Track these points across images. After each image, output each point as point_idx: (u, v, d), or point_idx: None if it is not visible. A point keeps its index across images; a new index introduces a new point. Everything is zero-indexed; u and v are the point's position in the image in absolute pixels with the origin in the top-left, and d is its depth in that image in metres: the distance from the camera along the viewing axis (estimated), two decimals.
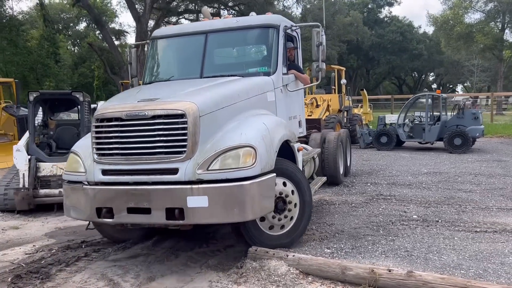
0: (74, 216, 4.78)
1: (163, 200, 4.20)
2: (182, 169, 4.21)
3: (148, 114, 4.24)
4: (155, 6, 31.63)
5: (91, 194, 4.45)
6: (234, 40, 6.12)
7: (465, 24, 38.50)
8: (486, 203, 7.14)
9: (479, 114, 14.19)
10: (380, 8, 68.40)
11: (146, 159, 4.29)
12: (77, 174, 4.67)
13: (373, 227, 5.89)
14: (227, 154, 4.23)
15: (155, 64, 6.36)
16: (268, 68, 5.69)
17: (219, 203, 4.12)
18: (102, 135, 4.44)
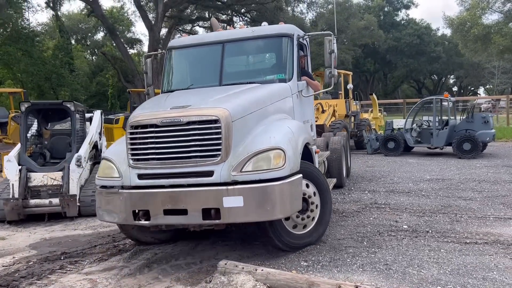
0: (108, 220, 4.97)
1: (200, 201, 4.44)
2: (217, 172, 4.47)
3: (183, 120, 4.48)
4: (167, 15, 31.99)
5: (127, 197, 4.65)
6: (250, 49, 6.34)
7: (482, 25, 37.56)
8: (484, 211, 6.84)
9: (490, 118, 13.75)
10: (397, 11, 67.64)
11: (182, 162, 4.52)
12: (111, 179, 4.86)
13: (357, 238, 5.68)
14: (259, 157, 4.50)
15: (173, 73, 6.52)
16: (284, 75, 5.92)
17: (254, 202, 4.37)
18: (138, 141, 4.67)
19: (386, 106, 45.48)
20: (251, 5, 32.51)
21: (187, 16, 35.35)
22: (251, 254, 5.33)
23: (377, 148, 15.25)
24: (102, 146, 9.52)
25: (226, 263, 4.46)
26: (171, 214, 4.51)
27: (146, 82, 6.76)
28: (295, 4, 33.78)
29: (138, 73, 31.79)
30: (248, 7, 33.00)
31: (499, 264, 4.62)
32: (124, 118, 17.24)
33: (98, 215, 5.12)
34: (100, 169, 5.09)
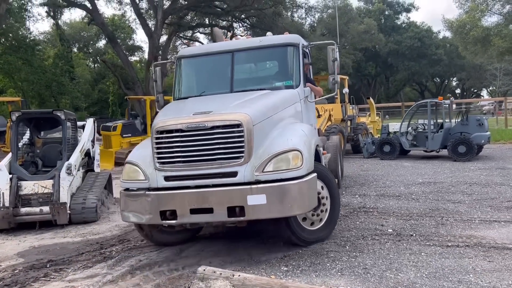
0: (134, 220, 5.22)
1: (225, 200, 4.74)
2: (241, 172, 4.81)
3: (208, 125, 4.81)
4: (167, 22, 32.22)
5: (155, 199, 4.91)
6: (258, 57, 6.69)
7: (482, 28, 37.52)
8: (471, 214, 6.85)
9: (484, 120, 13.73)
10: (398, 15, 67.70)
11: (207, 164, 4.84)
12: (137, 182, 5.14)
13: (340, 243, 5.70)
14: (279, 158, 4.84)
15: (186, 81, 6.80)
16: (292, 82, 6.28)
17: (276, 200, 4.70)
18: (164, 145, 4.95)
19: (388, 110, 45.52)
20: (250, 11, 32.68)
21: (187, 23, 35.57)
22: (234, 259, 5.37)
23: (373, 152, 15.25)
24: (95, 154, 9.61)
25: (204, 269, 4.50)
26: (197, 213, 4.80)
27: (156, 90, 6.94)
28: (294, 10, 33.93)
29: (138, 80, 32.03)
30: (247, 13, 33.17)
31: (477, 267, 4.64)
32: (121, 126, 17.38)
33: (122, 217, 5.33)
34: (124, 172, 5.33)
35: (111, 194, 9.36)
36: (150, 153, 5.12)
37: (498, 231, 5.92)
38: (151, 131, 5.12)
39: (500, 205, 7.36)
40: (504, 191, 8.40)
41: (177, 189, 4.89)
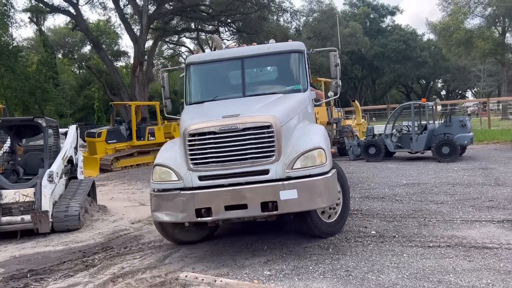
0: (168, 219, 5.42)
1: (259, 196, 5.04)
2: (273, 170, 5.15)
3: (240, 127, 5.12)
4: (152, 27, 32.09)
5: (190, 198, 5.13)
6: (267, 63, 7.09)
7: (464, 30, 38.16)
8: (453, 215, 6.92)
9: (467, 121, 13.92)
10: (383, 18, 68.43)
11: (240, 163, 5.14)
12: (169, 182, 5.34)
13: (324, 245, 5.72)
14: (306, 155, 5.21)
15: (198, 86, 7.04)
16: (300, 86, 6.66)
17: (306, 194, 5.06)
18: (197, 147, 5.22)
19: (375, 112, 45.90)
20: (235, 16, 32.75)
21: (172, 28, 35.45)
22: (218, 265, 5.35)
23: (359, 154, 15.35)
24: (78, 161, 9.51)
25: (186, 275, 4.49)
26: (232, 209, 5.08)
27: (163, 95, 7.15)
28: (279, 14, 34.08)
29: (124, 86, 31.82)
30: (233, 17, 33.21)
31: (457, 267, 4.69)
32: (106, 132, 17.25)
33: (154, 217, 5.52)
34: (154, 174, 5.50)
35: (95, 201, 9.27)
36: (179, 155, 5.41)
37: (479, 230, 6.00)
38: (182, 134, 5.35)
39: (482, 205, 7.45)
40: (486, 191, 8.52)
41: (211, 188, 5.14)
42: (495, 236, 5.70)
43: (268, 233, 6.55)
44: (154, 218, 5.60)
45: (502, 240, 5.49)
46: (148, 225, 7.88)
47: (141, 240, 6.89)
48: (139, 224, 8.04)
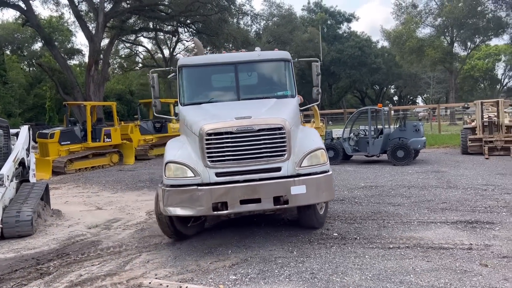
0: (183, 213, 5.67)
1: (271, 191, 5.53)
2: (285, 167, 5.69)
3: (255, 128, 5.61)
4: (108, 25, 31.20)
5: (208, 192, 5.49)
6: (258, 69, 7.40)
7: (416, 39, 39.83)
8: (410, 216, 7.17)
9: (420, 126, 14.50)
10: (339, 24, 70.20)
11: (255, 161, 5.64)
12: (185, 178, 5.66)
13: (288, 248, 5.76)
14: (311, 155, 5.83)
15: (191, 88, 7.25)
16: (290, 92, 7.21)
17: (313, 189, 5.67)
18: (214, 145, 5.63)
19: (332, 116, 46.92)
20: (195, 17, 32.45)
21: (130, 27, 34.65)
22: (181, 270, 5.24)
23: None
24: (30, 163, 9.05)
25: (150, 282, 4.37)
26: (247, 203, 5.50)
27: (153, 95, 7.33)
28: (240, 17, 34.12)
29: (78, 85, 30.70)
30: (192, 18, 32.90)
31: (417, 267, 4.85)
32: (59, 133, 16.56)
33: (166, 211, 5.70)
34: (168, 171, 5.76)
35: (48, 205, 8.86)
36: (193, 153, 5.80)
37: (435, 231, 6.24)
38: (198, 134, 5.72)
39: (436, 207, 7.77)
40: (439, 194, 8.89)
41: (228, 184, 5.53)
42: (449, 236, 5.95)
43: (231, 236, 6.51)
44: (165, 213, 5.75)
45: (456, 241, 5.74)
46: (106, 230, 7.63)
47: (99, 245, 6.65)
48: (97, 229, 7.76)
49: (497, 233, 6.02)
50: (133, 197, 10.79)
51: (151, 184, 12.52)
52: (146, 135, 20.79)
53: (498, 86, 75.76)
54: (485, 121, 15.71)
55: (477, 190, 9.06)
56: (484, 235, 5.93)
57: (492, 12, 39.09)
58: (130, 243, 6.67)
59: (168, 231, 6.41)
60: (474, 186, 9.49)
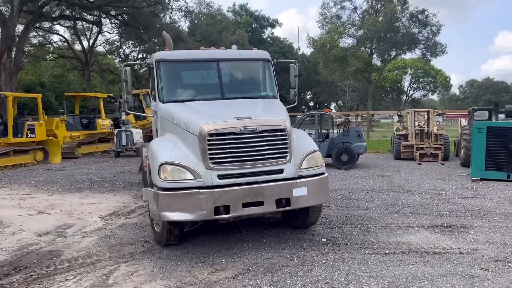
0: (182, 219, 5.30)
1: (274, 193, 5.41)
2: (287, 169, 5.60)
3: (258, 129, 5.43)
4: (25, 9, 28.34)
5: (210, 196, 5.17)
6: (241, 68, 7.26)
7: (340, 48, 41.82)
8: (385, 221, 7.30)
9: (362, 131, 15.09)
10: (263, 29, 71.38)
11: (259, 163, 5.45)
12: (184, 181, 5.27)
13: (286, 256, 5.51)
14: (309, 157, 5.81)
15: (170, 84, 6.90)
16: (273, 93, 7.19)
17: (314, 191, 5.66)
18: (217, 146, 5.33)
19: None
20: (123, 8, 30.72)
21: (48, 13, 31.83)
22: (179, 283, 4.78)
23: None
24: None
25: None
26: (249, 206, 5.30)
27: (125, 90, 6.86)
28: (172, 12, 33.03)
29: None
30: (120, 9, 31.11)
31: (425, 273, 4.89)
32: None
33: (162, 216, 5.28)
34: (164, 173, 5.32)
35: None
36: (191, 154, 5.45)
37: (417, 236, 6.40)
38: (197, 133, 5.38)
39: (404, 211, 8.02)
40: (399, 198, 9.22)
41: (230, 186, 5.26)
42: (434, 241, 6.13)
43: (216, 243, 6.11)
44: (162, 218, 5.35)
45: (444, 245, 5.92)
46: (61, 237, 6.77)
47: (61, 256, 5.86)
48: (49, 236, 6.85)
49: (475, 236, 6.33)
50: (75, 199, 9.78)
51: (91, 186, 11.49)
52: (73, 132, 19.17)
53: (404, 97, 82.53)
54: (417, 129, 16.80)
55: (431, 194, 9.56)
56: (464, 239, 6.20)
57: (406, 28, 42.38)
58: (99, 252, 5.96)
59: (165, 238, 5.90)
60: (426, 191, 10.01)
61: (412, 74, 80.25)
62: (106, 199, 9.81)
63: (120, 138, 18.41)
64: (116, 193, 10.51)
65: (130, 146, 18.49)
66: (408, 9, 41.58)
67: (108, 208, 8.79)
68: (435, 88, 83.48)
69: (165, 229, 5.77)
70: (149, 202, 5.67)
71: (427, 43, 42.21)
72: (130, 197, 9.93)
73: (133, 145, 18.56)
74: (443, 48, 42.98)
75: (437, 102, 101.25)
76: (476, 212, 7.76)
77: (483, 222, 7.13)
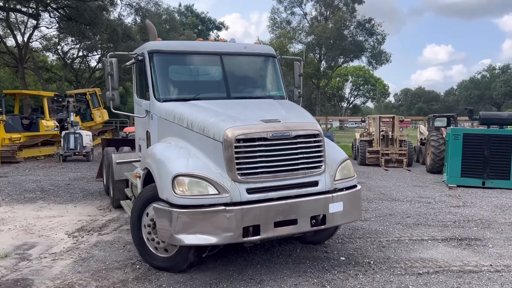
0: (202, 243, 4.35)
1: (309, 210, 4.65)
2: (322, 181, 4.86)
3: (292, 134, 4.66)
4: None
5: (239, 214, 4.31)
6: (245, 64, 6.47)
7: (290, 53, 41.93)
8: (392, 233, 6.81)
9: (333, 137, 14.78)
10: (209, 31, 70.33)
11: (292, 174, 4.67)
12: (208, 197, 4.38)
13: (313, 281, 4.77)
14: (342, 166, 5.15)
15: (168, 80, 6.06)
16: (282, 93, 6.47)
17: (349, 206, 4.97)
18: (245, 155, 4.49)
19: None
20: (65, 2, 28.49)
21: None
22: None
23: None
24: None
25: None
26: (281, 225, 4.51)
27: (110, 85, 5.77)
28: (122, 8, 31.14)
29: None
30: (62, 2, 28.82)
31: None
32: None
33: (177, 240, 4.35)
34: (180, 186, 4.39)
35: None
36: (211, 163, 4.57)
37: (437, 251, 5.93)
38: (220, 138, 4.52)
39: (405, 222, 7.59)
40: (392, 207, 8.82)
41: (260, 202, 4.45)
42: (459, 257, 5.69)
43: (222, 266, 5.23)
44: (177, 242, 4.42)
45: (472, 262, 5.48)
46: (25, 261, 5.58)
47: (32, 286, 4.73)
48: (9, 260, 5.61)
49: (496, 250, 5.98)
50: (29, 212, 8.40)
51: (44, 195, 10.04)
52: (13, 133, 17.13)
53: (345, 104, 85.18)
54: (381, 135, 16.81)
55: (421, 203, 9.28)
56: (489, 254, 5.82)
57: (354, 36, 43.46)
58: (82, 281, 4.88)
59: (179, 265, 4.95)
60: (413, 199, 9.74)
61: (353, 81, 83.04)
62: (66, 211, 8.51)
63: (68, 141, 16.79)
64: (76, 203, 9.21)
65: (79, 149, 16.90)
66: (356, 18, 42.62)
67: (72, 223, 7.57)
68: (374, 96, 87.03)
69: (181, 255, 4.81)
70: (157, 221, 4.61)
71: (373, 51, 43.48)
72: (94, 209, 8.71)
73: (83, 149, 16.99)
74: (387, 56, 44.57)
75: (372, 109, 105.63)
76: (479, 223, 7.51)
77: (493, 233, 6.85)
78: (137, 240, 5.26)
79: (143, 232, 5.15)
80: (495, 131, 11.47)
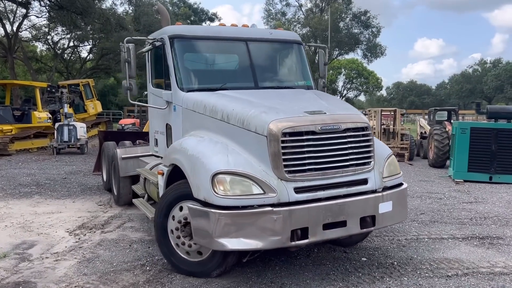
0: (246, 247, 3.96)
1: (359, 210, 4.30)
2: (371, 179, 4.49)
3: (341, 127, 4.29)
4: None
5: (287, 216, 3.96)
6: (271, 51, 6.11)
7: None
8: (409, 231, 6.55)
9: None
10: (202, 22, 69.49)
11: (342, 172, 4.32)
12: (253, 197, 4.00)
13: (339, 285, 4.48)
14: (388, 162, 4.77)
15: (191, 67, 5.69)
16: (310, 82, 6.10)
17: (398, 206, 4.64)
18: (292, 150, 4.14)
19: None
20: None
21: None
22: None
23: None
24: None
25: None
26: (330, 228, 4.16)
27: (128, 74, 5.41)
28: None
29: None
30: None
31: None
32: None
33: (218, 244, 3.96)
34: (221, 185, 4.00)
35: None
36: (253, 159, 4.19)
37: (460, 250, 5.68)
38: (263, 132, 4.14)
39: (420, 219, 7.33)
40: None
41: (309, 203, 4.09)
42: (485, 257, 5.43)
43: (238, 270, 4.91)
44: (218, 247, 4.00)
45: (500, 262, 5.24)
46: (26, 262, 5.23)
47: None
48: (8, 261, 5.26)
49: None
50: (26, 207, 8.02)
51: (40, 190, 9.63)
52: (4, 125, 16.59)
53: (339, 97, 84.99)
54: (383, 129, 16.58)
55: (432, 199, 9.05)
56: None
57: (349, 28, 43.15)
58: (89, 284, 4.55)
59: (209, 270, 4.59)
60: (422, 194, 9.51)
61: (346, 74, 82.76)
62: (65, 206, 8.13)
63: (62, 133, 16.32)
64: (75, 199, 8.82)
65: (73, 142, 16.43)
66: (352, 10, 42.29)
67: (72, 219, 7.20)
68: (367, 89, 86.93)
69: (216, 258, 4.47)
70: (193, 223, 4.18)
71: (368, 44, 43.22)
72: (94, 204, 8.34)
73: (77, 141, 16.53)
74: (382, 49, 44.34)
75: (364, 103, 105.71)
76: (497, 220, 7.29)
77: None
78: (162, 242, 4.79)
79: (170, 238, 4.71)
80: (503, 125, 11.27)
